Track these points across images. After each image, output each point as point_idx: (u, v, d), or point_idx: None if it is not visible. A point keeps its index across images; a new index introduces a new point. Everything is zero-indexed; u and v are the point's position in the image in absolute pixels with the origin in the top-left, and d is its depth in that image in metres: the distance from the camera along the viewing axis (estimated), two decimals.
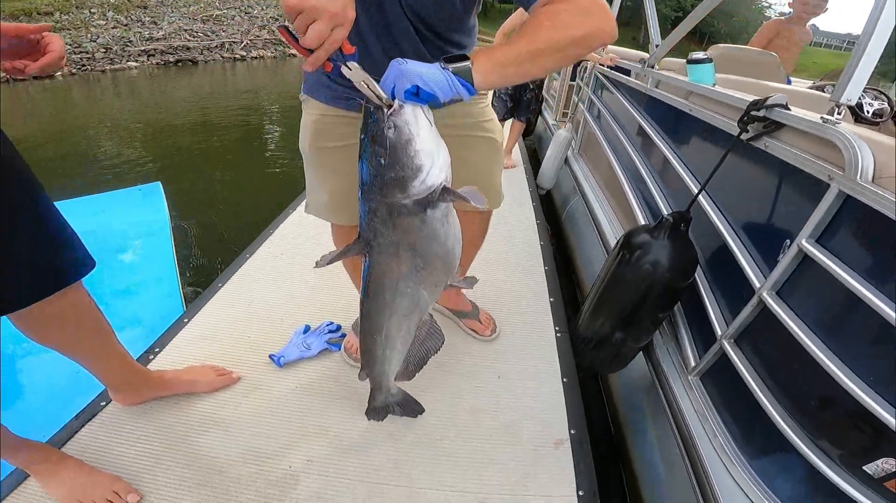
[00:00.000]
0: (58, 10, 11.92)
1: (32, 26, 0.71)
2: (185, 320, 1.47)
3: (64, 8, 12.18)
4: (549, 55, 0.64)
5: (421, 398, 1.06)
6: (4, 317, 0.82)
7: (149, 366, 1.28)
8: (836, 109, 0.84)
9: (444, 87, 0.60)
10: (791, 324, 0.81)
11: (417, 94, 0.59)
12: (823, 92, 3.09)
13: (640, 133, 1.84)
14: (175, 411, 1.17)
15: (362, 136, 0.63)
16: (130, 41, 11.42)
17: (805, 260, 0.81)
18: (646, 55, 2.04)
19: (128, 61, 10.57)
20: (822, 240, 0.79)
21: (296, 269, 1.79)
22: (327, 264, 0.66)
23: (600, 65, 2.61)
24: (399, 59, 0.61)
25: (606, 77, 2.47)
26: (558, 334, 1.55)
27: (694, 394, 1.12)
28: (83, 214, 2.38)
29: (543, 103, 4.58)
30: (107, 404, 1.17)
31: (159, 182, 2.74)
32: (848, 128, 0.85)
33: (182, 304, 1.87)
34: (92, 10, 12.64)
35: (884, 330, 0.67)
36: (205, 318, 1.50)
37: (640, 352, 1.33)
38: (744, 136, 1.03)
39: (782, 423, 0.84)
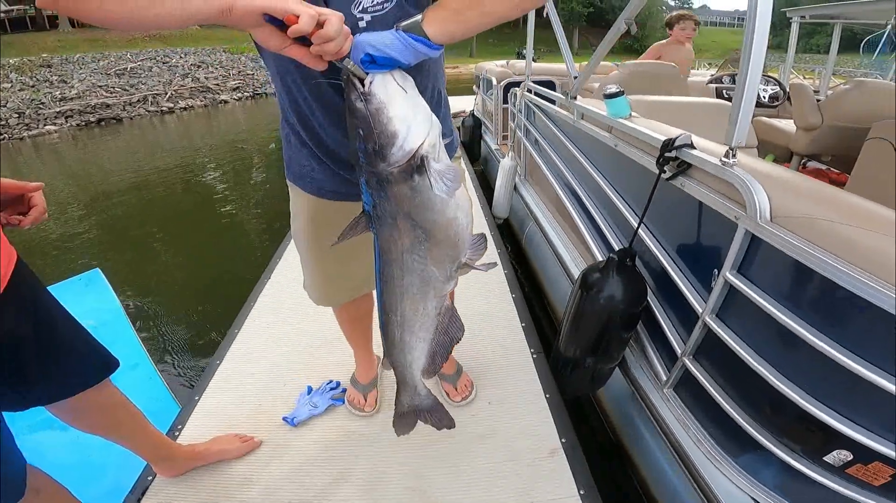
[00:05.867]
0: None
1: (31, 185, 0.86)
2: (196, 398, 1.56)
3: None
4: None
5: (430, 431, 1.15)
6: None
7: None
8: (731, 152, 0.98)
9: (398, 47, 0.61)
10: (733, 343, 0.93)
11: (375, 62, 0.61)
12: (721, 83, 3.42)
13: (576, 163, 1.99)
14: (215, 478, 1.29)
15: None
16: (42, 103, 10.77)
17: (733, 287, 0.94)
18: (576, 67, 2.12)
19: (45, 125, 9.94)
20: (742, 269, 0.92)
21: (286, 336, 1.87)
22: (339, 241, 0.72)
23: None
24: (359, 33, 0.63)
25: (537, 105, 2.64)
26: (534, 356, 1.70)
27: (672, 406, 1.23)
28: None
29: (483, 127, 4.77)
30: (153, 478, 1.27)
31: (98, 269, 2.69)
32: (745, 163, 0.99)
33: (164, 385, 1.89)
34: None
35: (809, 347, 0.79)
36: (214, 394, 1.59)
37: (618, 370, 1.45)
38: (664, 176, 1.17)
39: (748, 427, 0.96)
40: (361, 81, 0.63)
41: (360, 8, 0.71)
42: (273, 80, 0.89)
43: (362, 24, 0.72)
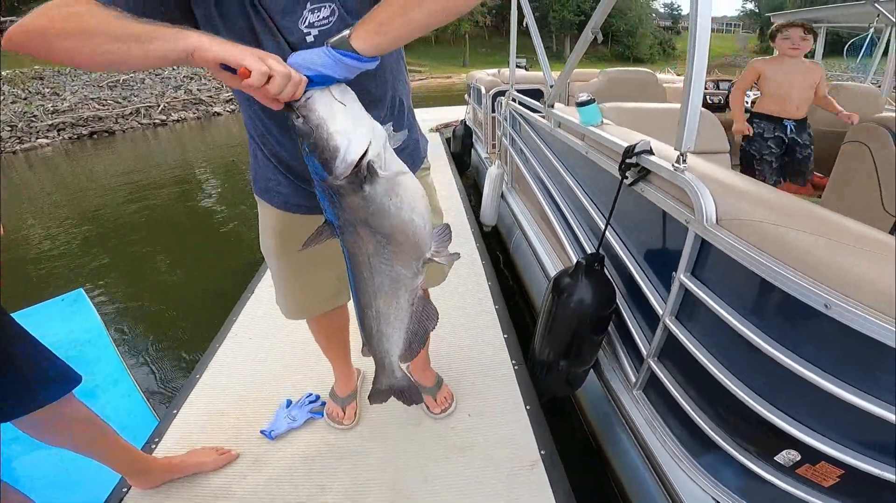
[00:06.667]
0: None
1: None
2: (174, 411, 1.56)
3: None
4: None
5: (408, 444, 1.24)
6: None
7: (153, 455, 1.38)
8: (682, 157, 1.00)
9: (329, 64, 0.64)
10: (689, 344, 0.95)
11: (311, 80, 0.64)
12: (706, 88, 3.46)
13: (554, 171, 2.02)
14: (191, 491, 1.28)
15: None
16: (35, 116, 10.69)
17: (688, 290, 0.96)
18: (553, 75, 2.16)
19: (37, 138, 9.87)
20: (695, 272, 0.94)
21: (266, 350, 1.87)
22: (304, 248, 0.74)
23: None
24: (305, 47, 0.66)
25: (520, 114, 2.68)
26: (515, 367, 1.69)
27: (641, 407, 1.25)
28: None
29: (474, 136, 4.83)
30: (128, 490, 1.27)
31: (81, 289, 2.71)
32: (696, 168, 1.02)
33: (143, 401, 1.91)
34: None
35: (756, 348, 0.81)
36: (192, 407, 1.59)
37: (593, 372, 1.46)
38: (626, 181, 1.19)
39: (707, 428, 0.97)
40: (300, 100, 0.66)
41: (307, 23, 0.74)
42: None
43: (310, 38, 0.74)
